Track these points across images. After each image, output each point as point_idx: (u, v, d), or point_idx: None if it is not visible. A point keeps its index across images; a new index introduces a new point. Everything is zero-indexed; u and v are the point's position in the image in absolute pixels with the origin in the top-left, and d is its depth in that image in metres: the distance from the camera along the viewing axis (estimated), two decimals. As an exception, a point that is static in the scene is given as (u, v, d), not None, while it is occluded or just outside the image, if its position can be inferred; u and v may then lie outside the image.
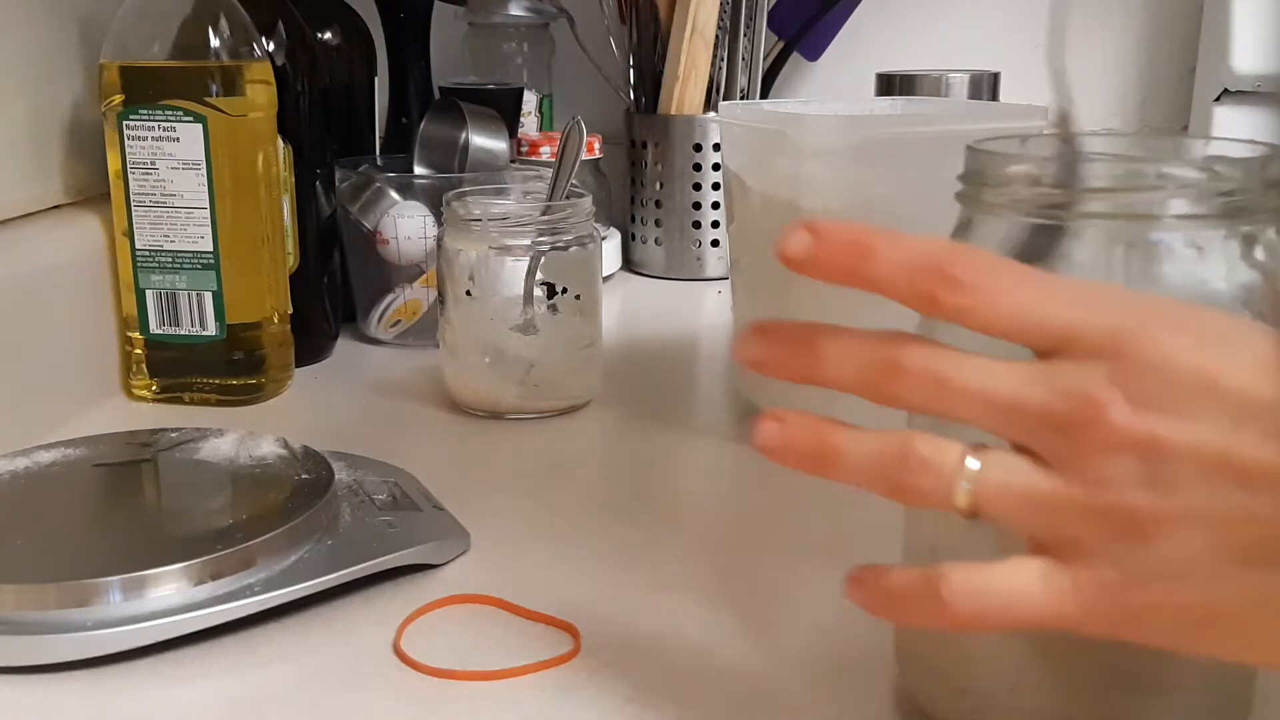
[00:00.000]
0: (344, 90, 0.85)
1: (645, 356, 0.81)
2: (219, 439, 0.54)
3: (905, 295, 0.29)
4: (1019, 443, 0.29)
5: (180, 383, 0.69)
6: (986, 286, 0.28)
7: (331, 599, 0.45)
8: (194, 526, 0.47)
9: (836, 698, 0.40)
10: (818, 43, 1.08)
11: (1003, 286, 0.28)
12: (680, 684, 0.40)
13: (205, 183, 0.66)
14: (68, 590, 0.41)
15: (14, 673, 0.40)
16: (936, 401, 0.29)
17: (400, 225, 0.78)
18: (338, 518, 0.49)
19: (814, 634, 0.44)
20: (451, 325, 0.67)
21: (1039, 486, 0.28)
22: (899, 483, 0.29)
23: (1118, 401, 0.27)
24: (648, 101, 1.02)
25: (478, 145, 0.84)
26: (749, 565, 0.50)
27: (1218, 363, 0.27)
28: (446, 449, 0.63)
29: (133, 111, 0.65)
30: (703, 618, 0.45)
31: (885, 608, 0.31)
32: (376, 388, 0.73)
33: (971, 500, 0.29)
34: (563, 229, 0.66)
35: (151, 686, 0.40)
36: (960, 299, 0.28)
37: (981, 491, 0.29)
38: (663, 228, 1.03)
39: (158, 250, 0.67)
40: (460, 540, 0.50)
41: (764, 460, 0.31)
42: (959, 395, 0.29)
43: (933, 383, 0.29)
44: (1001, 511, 0.29)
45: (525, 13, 1.05)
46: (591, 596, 0.46)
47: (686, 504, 0.57)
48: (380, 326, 0.81)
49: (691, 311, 0.94)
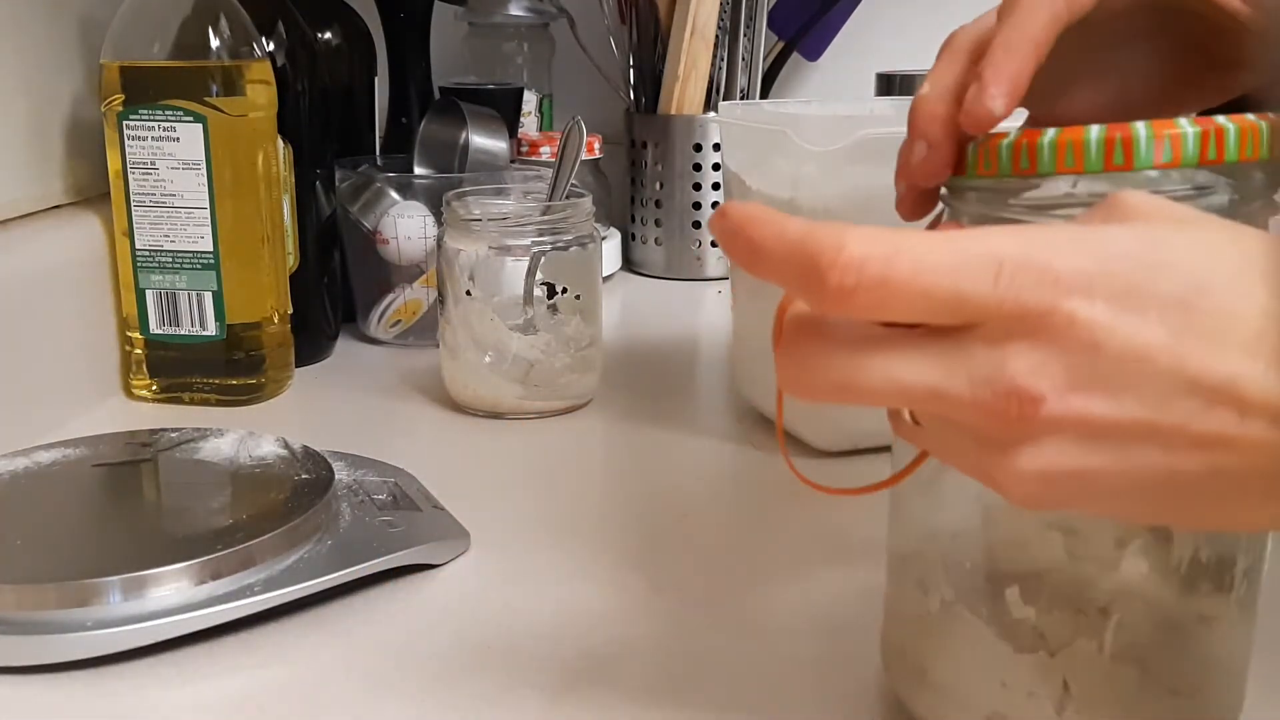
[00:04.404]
0: (344, 90, 0.85)
1: (645, 356, 0.81)
2: (219, 439, 0.54)
3: (800, 296, 0.27)
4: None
5: (180, 383, 0.69)
6: (872, 282, 0.25)
7: (331, 599, 0.45)
8: (194, 526, 0.47)
9: (834, 697, 0.40)
10: (818, 43, 1.08)
11: (896, 274, 0.25)
12: (680, 684, 0.40)
13: (205, 183, 0.66)
14: (68, 590, 0.41)
15: (14, 673, 0.40)
16: (850, 401, 0.27)
17: (400, 225, 0.78)
18: (338, 518, 0.49)
19: (813, 634, 0.44)
20: (451, 325, 0.67)
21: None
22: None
23: (1044, 391, 0.25)
24: (648, 101, 1.02)
25: (478, 145, 0.84)
26: (748, 565, 0.50)
27: (1154, 335, 0.25)
28: (446, 449, 0.63)
29: (133, 111, 0.65)
30: (701, 618, 0.45)
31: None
32: (376, 388, 0.73)
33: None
34: (563, 229, 0.66)
35: (151, 686, 0.40)
36: (843, 304, 0.26)
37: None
38: (663, 228, 1.03)
39: (158, 250, 0.67)
40: (460, 540, 0.50)
41: (763, 460, 0.31)
42: (870, 396, 0.27)
43: (839, 387, 0.27)
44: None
45: (525, 13, 1.05)
46: (590, 596, 0.46)
47: (686, 504, 0.57)
48: (380, 326, 0.81)
49: (691, 311, 0.94)
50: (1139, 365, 0.25)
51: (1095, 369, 0.25)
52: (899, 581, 0.38)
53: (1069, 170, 0.31)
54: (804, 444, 0.61)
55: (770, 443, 0.62)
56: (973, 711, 0.35)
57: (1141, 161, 0.30)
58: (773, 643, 0.43)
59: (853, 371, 0.27)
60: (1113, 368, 0.25)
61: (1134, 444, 0.26)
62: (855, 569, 0.48)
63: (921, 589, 0.36)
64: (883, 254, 0.25)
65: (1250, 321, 0.25)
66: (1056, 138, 0.31)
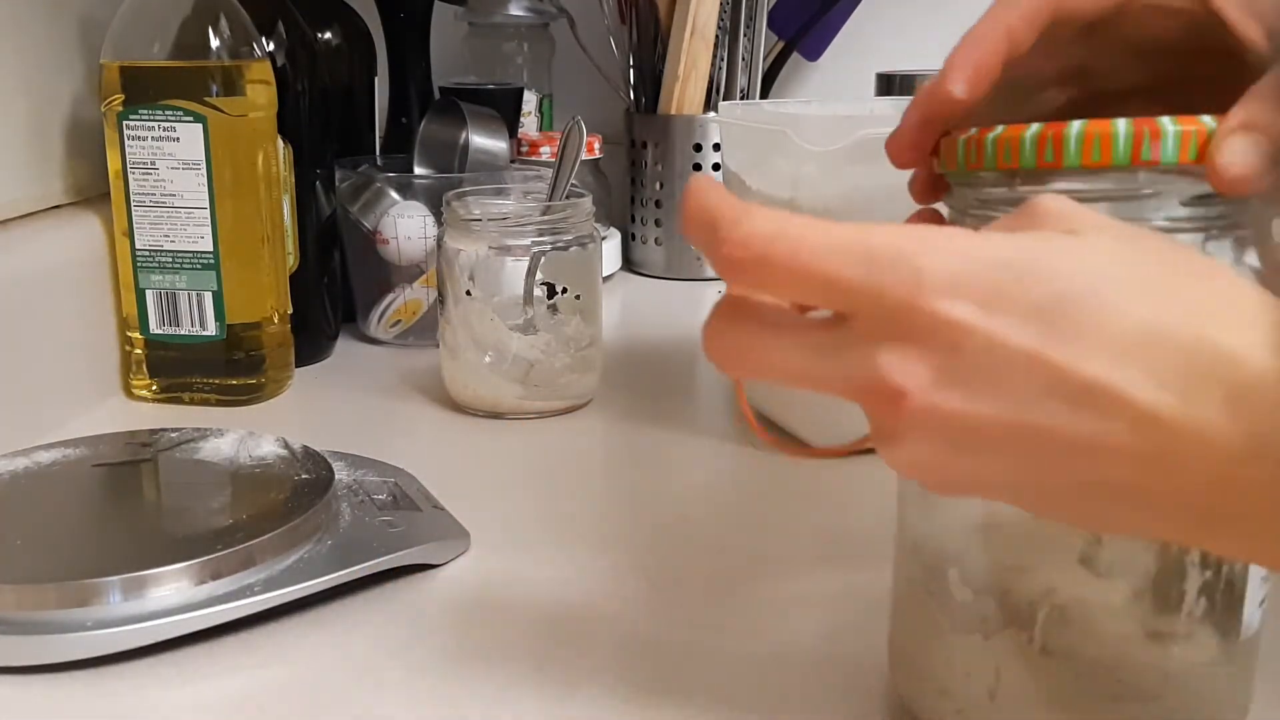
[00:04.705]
0: (344, 90, 0.85)
1: (645, 356, 0.81)
2: (219, 439, 0.54)
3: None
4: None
5: (180, 383, 0.69)
6: (754, 258, 0.27)
7: (331, 599, 0.45)
8: (194, 526, 0.47)
9: (834, 697, 0.40)
10: (818, 43, 1.08)
11: (775, 254, 0.27)
12: (680, 684, 0.40)
13: (205, 183, 0.66)
14: (68, 590, 0.41)
15: (14, 673, 0.40)
16: (757, 376, 0.30)
17: (400, 225, 0.78)
18: (338, 518, 0.49)
19: (813, 634, 0.44)
20: (451, 325, 0.67)
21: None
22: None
23: (909, 387, 0.26)
24: (648, 101, 1.02)
25: (478, 145, 0.84)
26: (748, 565, 0.50)
27: (1020, 337, 0.26)
28: (446, 449, 0.63)
29: (133, 111, 0.65)
30: (702, 618, 0.45)
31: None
32: (376, 388, 0.73)
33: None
34: (563, 229, 0.66)
35: (151, 686, 0.40)
36: (731, 273, 0.28)
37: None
38: (663, 228, 1.03)
39: (158, 250, 0.67)
40: (460, 540, 0.50)
41: (763, 461, 0.32)
42: (771, 374, 0.29)
43: (743, 361, 0.30)
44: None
45: (525, 13, 1.05)
46: (590, 596, 0.46)
47: (685, 504, 0.57)
48: (380, 326, 0.81)
49: (691, 311, 0.94)
50: (1003, 365, 0.26)
51: (959, 368, 0.26)
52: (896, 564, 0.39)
53: (1049, 165, 0.31)
54: (804, 444, 0.61)
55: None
56: (927, 684, 0.36)
57: (1119, 159, 0.30)
58: (773, 642, 0.43)
59: (760, 350, 0.29)
60: (976, 367, 0.26)
61: (999, 444, 0.26)
62: (855, 569, 0.48)
63: (906, 576, 0.37)
64: (769, 234, 0.27)
65: (1124, 330, 0.25)
66: (1039, 132, 0.31)
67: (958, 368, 0.26)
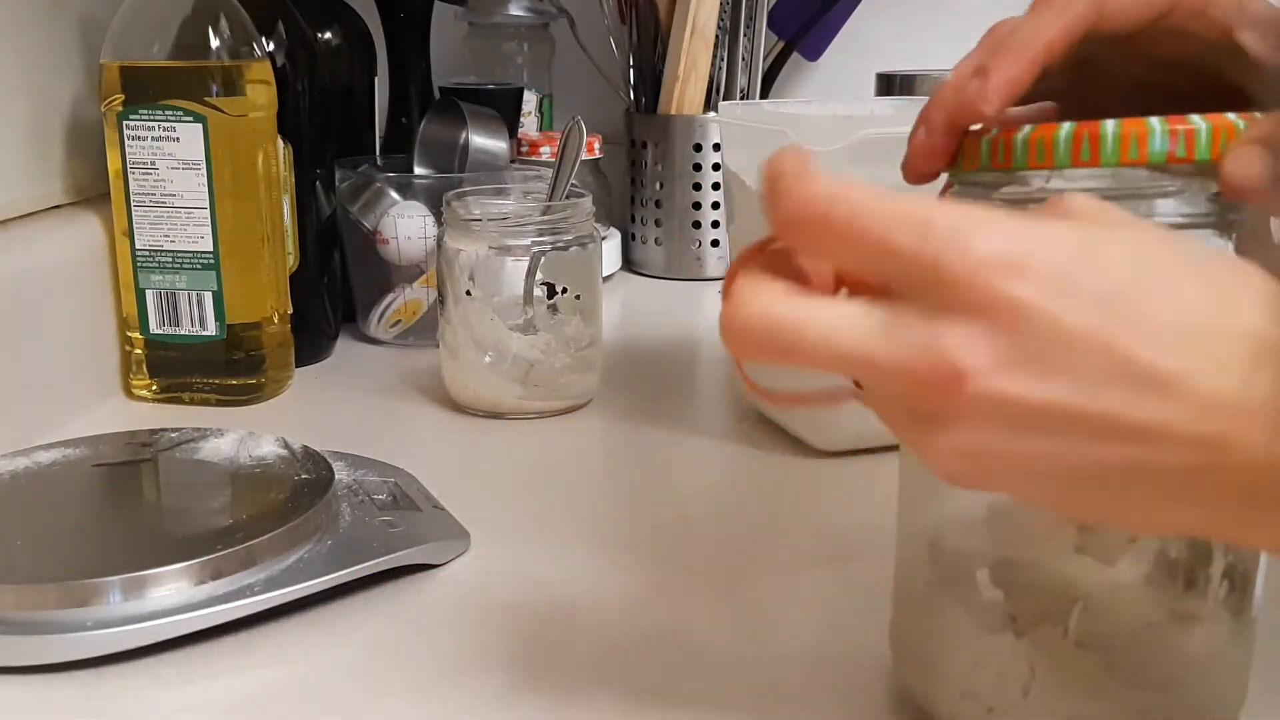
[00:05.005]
0: (344, 90, 0.85)
1: (645, 356, 0.81)
2: (219, 439, 0.54)
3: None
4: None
5: (180, 383, 0.69)
6: (814, 216, 0.27)
7: (331, 599, 0.45)
8: (194, 526, 0.47)
9: (835, 697, 0.40)
10: (818, 43, 1.08)
11: (834, 214, 0.27)
12: (681, 684, 0.40)
13: (205, 183, 0.66)
14: (68, 590, 0.41)
15: (14, 673, 0.40)
16: (784, 357, 0.28)
17: (400, 225, 0.78)
18: (338, 518, 0.49)
19: (813, 634, 0.44)
20: (451, 325, 0.67)
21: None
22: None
23: (972, 366, 0.26)
24: (648, 101, 1.02)
25: (478, 145, 0.84)
26: (749, 565, 0.50)
27: (1086, 321, 0.25)
28: (446, 449, 0.63)
29: (133, 111, 0.65)
30: (702, 618, 0.45)
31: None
32: (376, 388, 0.73)
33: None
34: (563, 229, 0.66)
35: (151, 686, 0.40)
36: (788, 231, 0.28)
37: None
38: (663, 228, 1.03)
39: (158, 250, 0.67)
40: (460, 540, 0.50)
41: (763, 461, 0.31)
42: (805, 352, 0.27)
43: (766, 337, 0.28)
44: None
45: (525, 13, 1.05)
46: (590, 596, 0.46)
47: (686, 504, 0.57)
48: (380, 326, 0.81)
49: (691, 311, 0.94)
50: (1069, 349, 0.25)
51: (1025, 349, 0.26)
52: (900, 562, 0.39)
53: (1040, 166, 0.31)
54: (804, 444, 0.61)
55: (770, 442, 0.62)
56: (950, 688, 0.36)
57: (1108, 158, 0.30)
58: (773, 642, 0.43)
59: (796, 325, 0.27)
60: (1043, 349, 0.26)
61: (1058, 429, 0.26)
62: (855, 568, 0.48)
63: (914, 571, 0.37)
64: (830, 195, 0.27)
65: (1184, 318, 0.26)
66: (1029, 134, 0.31)
67: (1020, 348, 0.25)
